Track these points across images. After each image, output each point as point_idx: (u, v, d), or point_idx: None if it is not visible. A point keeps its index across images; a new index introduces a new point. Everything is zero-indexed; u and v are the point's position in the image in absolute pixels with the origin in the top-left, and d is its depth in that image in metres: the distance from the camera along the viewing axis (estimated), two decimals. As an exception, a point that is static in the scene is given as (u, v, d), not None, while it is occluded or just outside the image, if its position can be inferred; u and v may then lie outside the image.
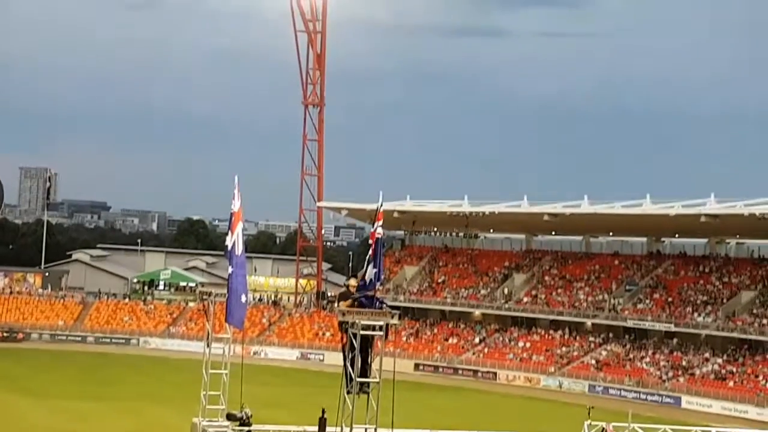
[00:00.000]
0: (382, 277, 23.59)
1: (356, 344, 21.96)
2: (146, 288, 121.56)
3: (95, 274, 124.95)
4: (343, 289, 25.78)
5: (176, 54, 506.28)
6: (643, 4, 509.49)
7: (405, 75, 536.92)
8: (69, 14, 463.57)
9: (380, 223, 23.37)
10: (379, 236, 23.12)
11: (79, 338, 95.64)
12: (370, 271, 22.77)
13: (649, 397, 73.33)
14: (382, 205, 26.38)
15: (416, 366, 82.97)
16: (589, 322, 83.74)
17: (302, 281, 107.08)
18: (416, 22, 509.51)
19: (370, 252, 23.03)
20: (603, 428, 33.83)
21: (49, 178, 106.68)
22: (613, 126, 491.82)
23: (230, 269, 24.50)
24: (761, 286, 78.65)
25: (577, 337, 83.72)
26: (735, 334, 74.60)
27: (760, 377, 70.77)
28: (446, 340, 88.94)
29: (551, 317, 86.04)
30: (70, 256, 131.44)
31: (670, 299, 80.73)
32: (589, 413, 35.47)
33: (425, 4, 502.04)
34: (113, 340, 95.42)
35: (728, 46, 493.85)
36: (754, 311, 75.43)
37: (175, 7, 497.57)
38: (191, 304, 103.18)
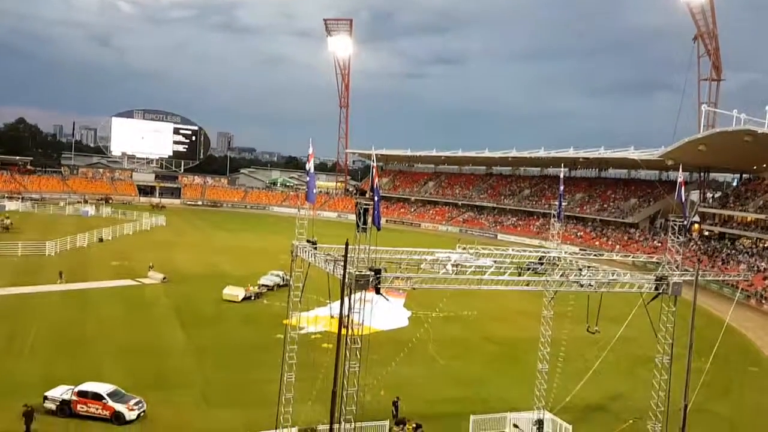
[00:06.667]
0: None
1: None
2: (272, 185, 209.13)
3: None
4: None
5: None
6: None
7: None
8: None
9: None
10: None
11: (243, 207, 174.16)
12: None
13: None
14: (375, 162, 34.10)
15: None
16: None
17: (339, 184, 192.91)
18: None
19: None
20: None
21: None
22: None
23: (308, 179, 35.80)
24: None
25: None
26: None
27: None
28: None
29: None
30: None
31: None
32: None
33: None
34: (252, 208, 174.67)
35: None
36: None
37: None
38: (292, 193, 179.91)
